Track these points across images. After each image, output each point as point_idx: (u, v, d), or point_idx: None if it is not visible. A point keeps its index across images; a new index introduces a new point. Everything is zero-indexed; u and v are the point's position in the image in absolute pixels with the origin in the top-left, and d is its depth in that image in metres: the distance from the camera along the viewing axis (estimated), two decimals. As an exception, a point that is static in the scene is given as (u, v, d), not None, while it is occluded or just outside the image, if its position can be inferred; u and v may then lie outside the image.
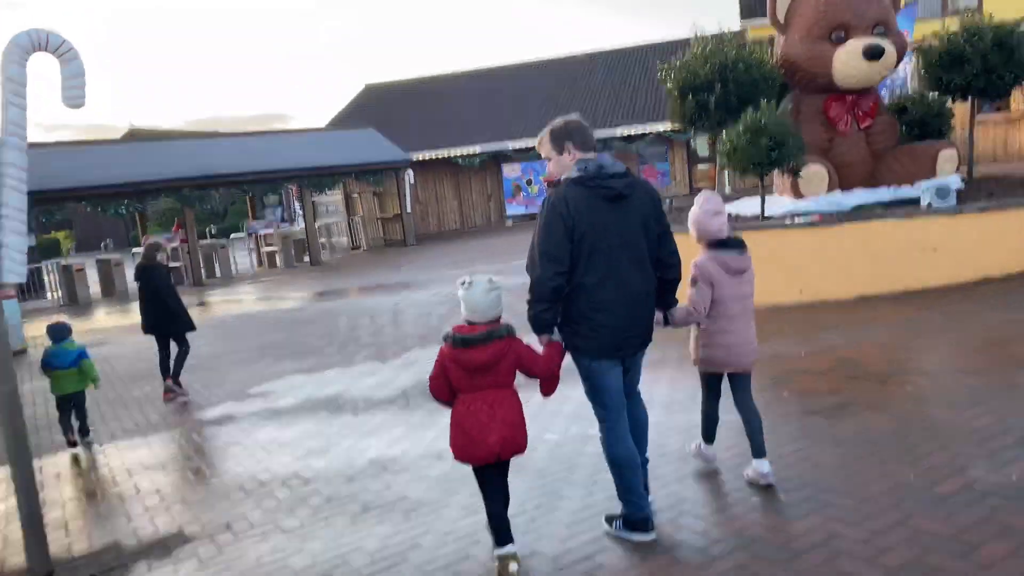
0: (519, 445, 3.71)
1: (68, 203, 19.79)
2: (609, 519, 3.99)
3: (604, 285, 3.64)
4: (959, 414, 4.97)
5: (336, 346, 10.25)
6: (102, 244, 46.54)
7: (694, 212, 4.28)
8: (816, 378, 6.14)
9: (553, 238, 3.59)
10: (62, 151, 21.08)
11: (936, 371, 6.09)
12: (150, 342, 8.86)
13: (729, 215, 5.42)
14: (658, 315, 4.02)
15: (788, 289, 8.79)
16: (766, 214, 9.65)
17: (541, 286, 3.62)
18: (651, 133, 27.60)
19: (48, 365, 6.91)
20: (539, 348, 3.77)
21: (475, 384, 3.63)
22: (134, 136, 31.29)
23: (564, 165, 3.79)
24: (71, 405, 7.02)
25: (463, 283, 3.69)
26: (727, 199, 13.38)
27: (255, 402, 7.94)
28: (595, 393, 3.83)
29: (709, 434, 4.62)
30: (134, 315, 17.00)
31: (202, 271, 22.71)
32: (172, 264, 23.21)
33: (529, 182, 28.46)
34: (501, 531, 3.74)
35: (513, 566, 3.66)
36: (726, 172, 28.32)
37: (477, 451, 3.63)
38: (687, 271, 4.08)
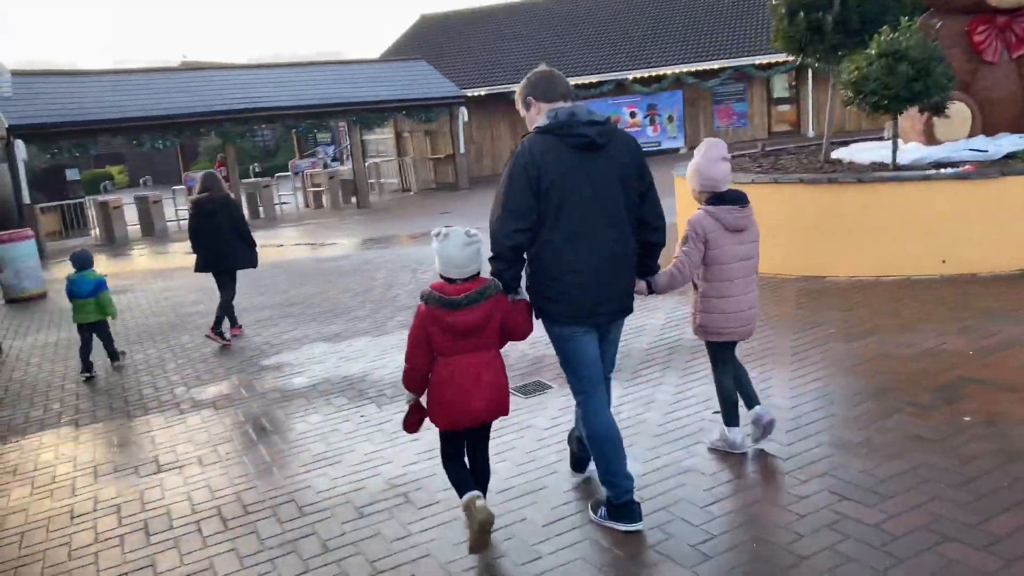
0: (503, 407, 3.44)
1: (101, 136, 18.61)
2: (594, 506, 3.59)
3: (574, 243, 3.30)
4: None
5: (369, 307, 8.83)
6: (141, 180, 45.89)
7: (695, 161, 3.84)
8: (1004, 395, 4.44)
9: (515, 191, 3.28)
10: (92, 80, 19.92)
11: None
12: (172, 292, 7.50)
13: (836, 161, 4.22)
14: (640, 284, 3.62)
15: (927, 258, 7.01)
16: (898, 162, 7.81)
17: (499, 243, 3.32)
18: (728, 68, 25.27)
19: (70, 293, 7.06)
20: None
21: (458, 347, 3.29)
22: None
23: (533, 121, 3.49)
24: (91, 335, 7.10)
25: (437, 234, 3.35)
26: (806, 144, 11.40)
27: (263, 378, 6.56)
28: (567, 363, 3.50)
29: (730, 415, 4.04)
30: (169, 258, 16.14)
31: (244, 212, 21.53)
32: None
33: (592, 122, 26.42)
34: (463, 483, 3.44)
35: (480, 502, 3.35)
36: (809, 114, 26.01)
37: (462, 418, 3.35)
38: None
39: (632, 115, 26.16)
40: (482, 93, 25.60)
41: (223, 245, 7.67)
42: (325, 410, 5.59)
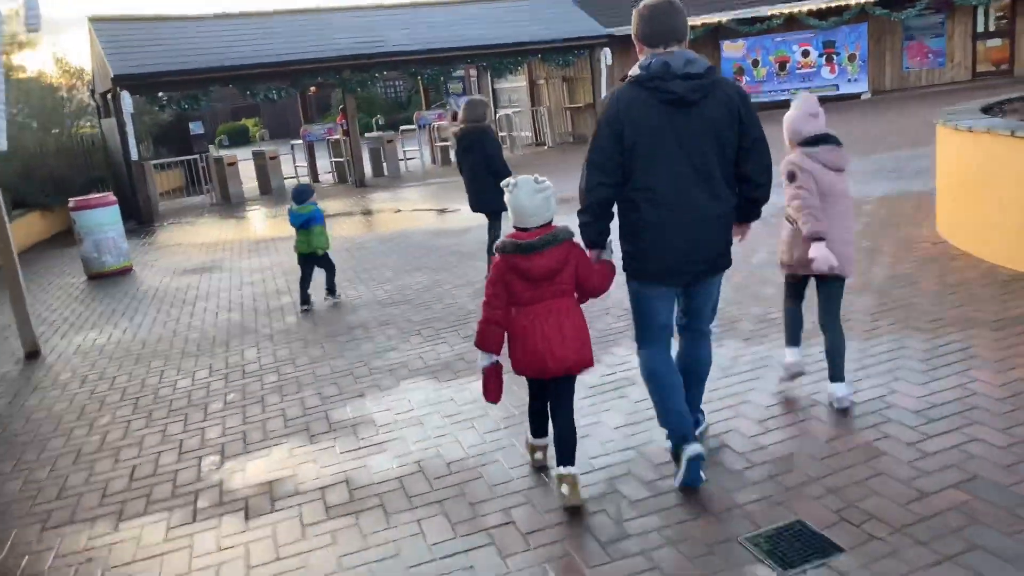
0: (586, 358, 3.32)
1: (211, 85, 17.00)
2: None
3: (659, 202, 3.15)
4: None
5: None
6: (258, 135, 45.40)
7: (789, 114, 3.94)
8: None
9: (600, 145, 3.17)
10: (198, 26, 18.32)
11: None
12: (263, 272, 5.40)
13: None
14: (740, 228, 3.50)
15: None
16: None
17: (584, 197, 3.24)
18: (926, -3, 21.06)
19: (292, 223, 7.24)
20: None
21: (537, 295, 3.26)
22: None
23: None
24: (310, 267, 7.34)
25: (507, 185, 3.31)
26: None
27: (322, 448, 4.30)
28: (636, 316, 3.42)
29: (794, 336, 4.24)
30: (277, 224, 14.32)
31: (366, 169, 19.67)
32: (336, 159, 20.51)
33: (756, 63, 22.94)
34: (539, 425, 3.64)
35: (539, 454, 3.69)
36: (1030, 49, 21.46)
37: (546, 365, 3.26)
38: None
39: (805, 54, 22.43)
40: (626, 32, 22.53)
41: (478, 184, 7.00)
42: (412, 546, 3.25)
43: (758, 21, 22.39)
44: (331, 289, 7.50)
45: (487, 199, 6.95)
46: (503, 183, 3.32)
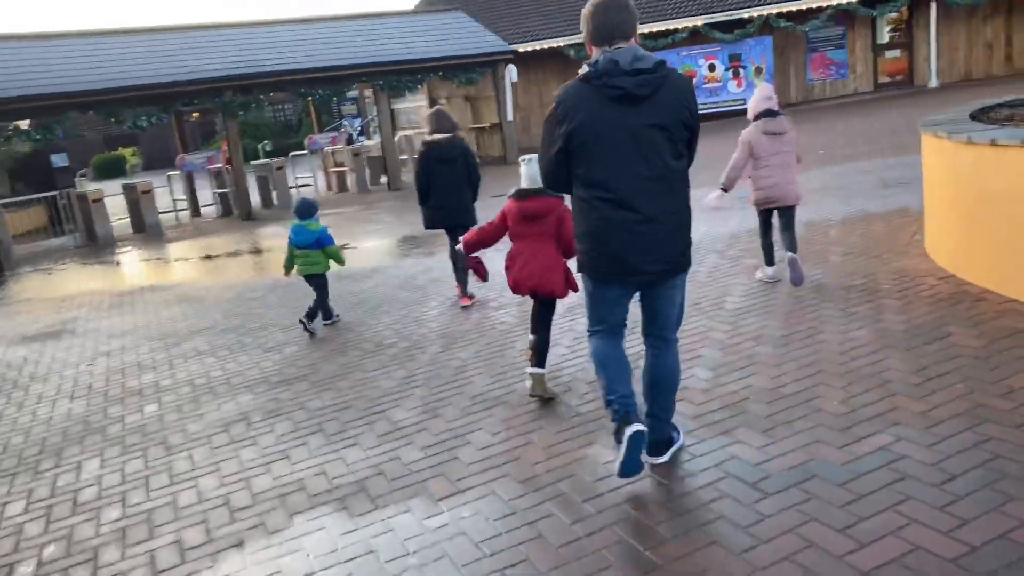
0: (551, 286, 4.40)
1: (70, 111, 14.88)
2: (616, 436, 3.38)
3: (612, 199, 3.12)
4: None
5: (422, 407, 5.00)
6: (132, 166, 41.99)
7: (752, 97, 5.83)
8: None
9: (547, 142, 3.25)
10: (58, 45, 16.18)
11: None
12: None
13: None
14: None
15: None
16: None
17: (545, 180, 3.46)
18: (827, 7, 20.87)
19: (294, 243, 6.84)
20: None
21: (526, 232, 4.40)
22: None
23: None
24: (316, 286, 6.90)
25: (523, 160, 4.41)
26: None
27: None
28: (590, 312, 3.44)
29: (769, 258, 6.01)
30: (156, 269, 12.34)
31: (253, 200, 17.82)
32: (219, 190, 18.56)
33: (663, 79, 22.18)
34: (539, 355, 4.50)
35: (531, 382, 4.49)
36: (932, 61, 21.51)
37: (519, 284, 4.47)
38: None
39: (711, 68, 21.90)
40: (535, 48, 21.54)
41: (460, 198, 6.84)
42: None
43: (663, 35, 21.76)
44: (314, 314, 6.84)
45: (464, 212, 6.86)
46: (520, 158, 4.47)
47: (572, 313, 6.14)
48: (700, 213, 9.28)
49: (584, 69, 3.12)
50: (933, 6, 20.41)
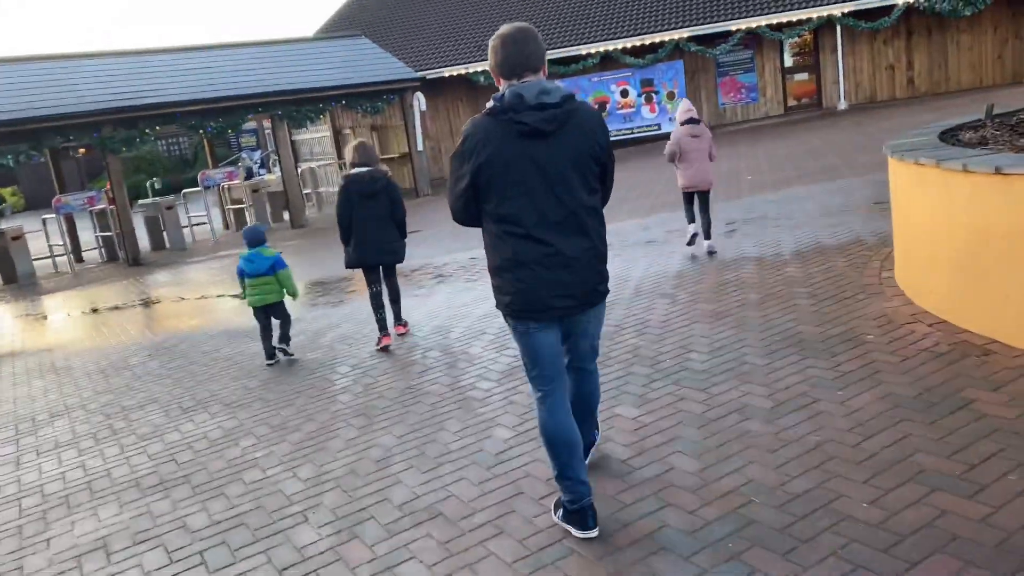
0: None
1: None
2: (556, 506, 3.37)
3: (522, 235, 3.05)
4: None
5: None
6: (3, 209, 39.01)
7: (679, 110, 7.74)
8: None
9: (455, 177, 3.15)
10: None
11: None
12: None
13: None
14: None
15: None
16: None
17: (455, 215, 3.29)
18: (736, 31, 20.82)
19: (244, 273, 6.53)
20: None
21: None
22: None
23: None
24: (269, 319, 6.67)
25: None
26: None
27: None
28: (524, 357, 3.28)
29: (691, 217, 7.86)
30: (18, 329, 10.77)
31: (142, 242, 16.26)
32: (103, 233, 16.92)
33: (576, 105, 21.69)
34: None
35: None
36: (840, 83, 21.70)
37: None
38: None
39: (624, 94, 21.53)
40: (444, 74, 20.72)
41: (383, 235, 6.49)
42: None
43: (573, 61, 21.29)
44: (286, 337, 6.77)
45: (388, 250, 6.54)
46: None
47: (511, 379, 5.21)
48: (639, 247, 8.60)
49: (491, 103, 3.05)
50: (838, 28, 20.59)
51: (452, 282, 8.74)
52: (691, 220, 7.82)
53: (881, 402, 3.94)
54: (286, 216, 18.43)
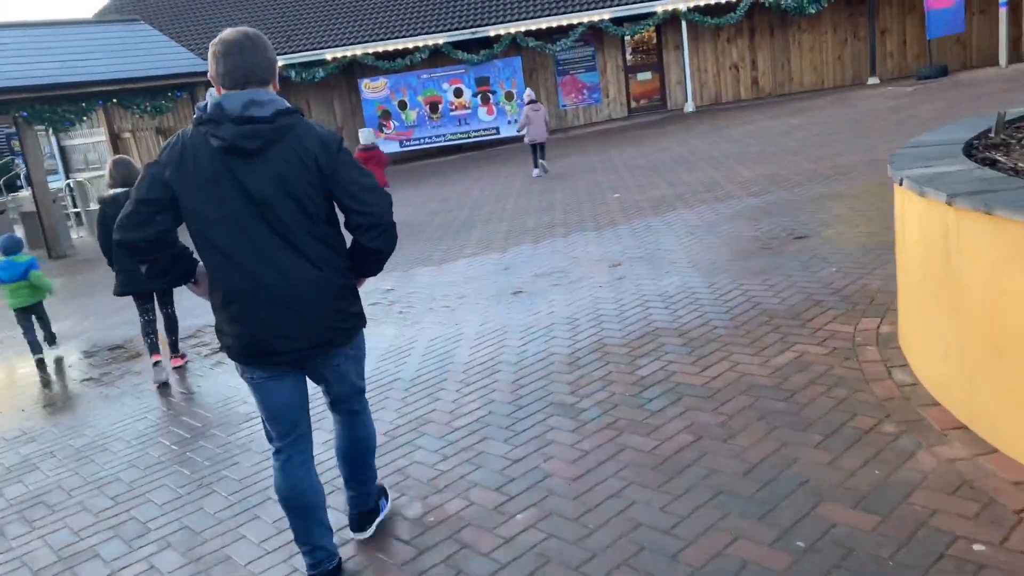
0: None
1: None
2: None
3: (226, 269, 2.64)
4: None
5: None
6: None
7: (524, 93, 12.93)
8: None
9: (141, 189, 2.62)
10: None
11: None
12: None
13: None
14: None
15: None
16: None
17: (118, 225, 2.65)
18: (576, 25, 19.05)
19: (3, 280, 6.84)
20: None
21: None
22: None
23: None
24: (30, 319, 7.04)
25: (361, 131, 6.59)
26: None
27: None
28: (257, 406, 2.84)
29: (535, 163, 13.17)
30: None
31: None
32: None
33: (404, 105, 19.29)
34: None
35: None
36: (687, 83, 20.42)
37: None
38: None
39: (458, 93, 19.24)
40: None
41: None
42: None
43: (400, 55, 18.78)
44: (52, 336, 7.38)
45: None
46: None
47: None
48: (502, 301, 6.17)
49: (195, 113, 2.63)
50: (684, 25, 19.27)
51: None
52: (535, 165, 13.20)
53: None
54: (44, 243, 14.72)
